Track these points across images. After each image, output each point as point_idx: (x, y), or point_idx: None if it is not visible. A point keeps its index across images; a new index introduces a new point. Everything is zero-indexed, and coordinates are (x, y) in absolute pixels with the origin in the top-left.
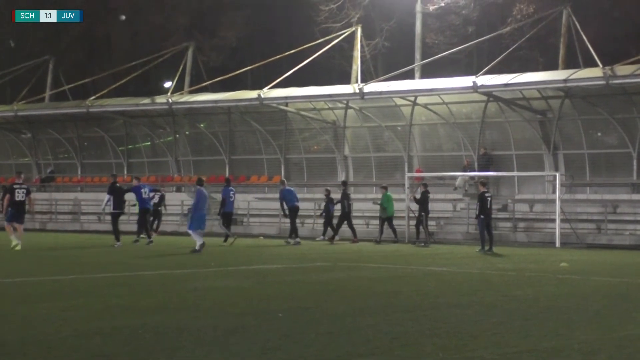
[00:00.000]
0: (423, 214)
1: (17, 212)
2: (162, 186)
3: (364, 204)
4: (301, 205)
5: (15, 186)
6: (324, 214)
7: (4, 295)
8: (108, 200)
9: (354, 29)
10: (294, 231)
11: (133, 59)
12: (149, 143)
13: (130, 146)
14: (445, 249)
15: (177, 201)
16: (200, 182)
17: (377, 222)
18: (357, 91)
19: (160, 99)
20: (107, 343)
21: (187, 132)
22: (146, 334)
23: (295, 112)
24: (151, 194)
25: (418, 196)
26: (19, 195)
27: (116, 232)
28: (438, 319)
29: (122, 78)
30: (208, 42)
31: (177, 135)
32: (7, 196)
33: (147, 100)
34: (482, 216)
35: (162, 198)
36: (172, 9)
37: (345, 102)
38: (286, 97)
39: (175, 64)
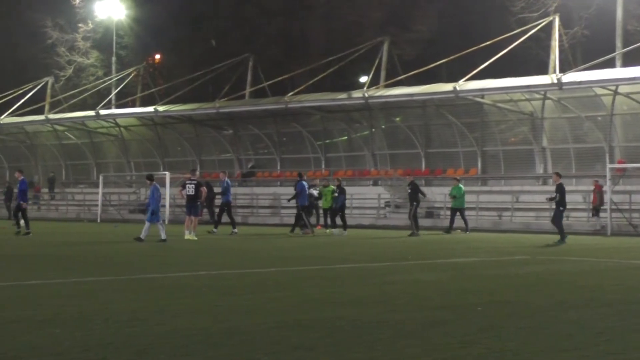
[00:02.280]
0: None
1: (188, 205)
2: (359, 180)
3: (567, 197)
4: (499, 198)
5: (187, 182)
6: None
7: (211, 287)
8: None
9: (551, 18)
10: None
11: (329, 54)
12: (345, 137)
13: (327, 141)
14: None
15: (374, 195)
16: (151, 178)
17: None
18: (555, 81)
19: (357, 94)
20: (308, 335)
21: (383, 126)
22: (345, 326)
23: (491, 104)
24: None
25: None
26: (189, 190)
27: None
28: None
29: (318, 74)
30: (402, 36)
31: (373, 129)
32: (180, 190)
33: (343, 95)
34: (561, 208)
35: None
36: (367, 4)
37: (542, 92)
38: (482, 89)
39: (371, 59)
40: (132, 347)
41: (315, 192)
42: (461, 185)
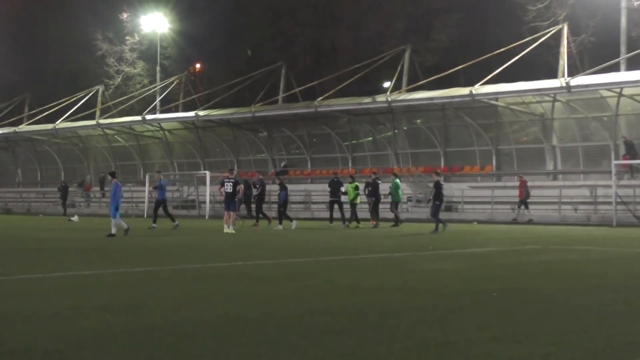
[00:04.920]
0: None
1: (227, 202)
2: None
3: (573, 191)
4: (513, 192)
5: (225, 180)
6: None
7: (247, 276)
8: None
9: (560, 26)
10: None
11: (355, 62)
12: (370, 138)
13: (354, 141)
14: None
15: None
16: (113, 174)
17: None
18: (564, 85)
19: (381, 98)
20: (337, 320)
21: (405, 128)
22: (371, 312)
23: (505, 106)
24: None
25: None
26: (227, 187)
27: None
28: None
29: (345, 80)
30: (423, 44)
31: (396, 131)
32: (219, 188)
33: (368, 100)
34: (437, 202)
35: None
36: (390, 15)
37: (552, 95)
38: (496, 93)
39: (394, 66)
40: (177, 332)
41: (343, 189)
42: (397, 181)
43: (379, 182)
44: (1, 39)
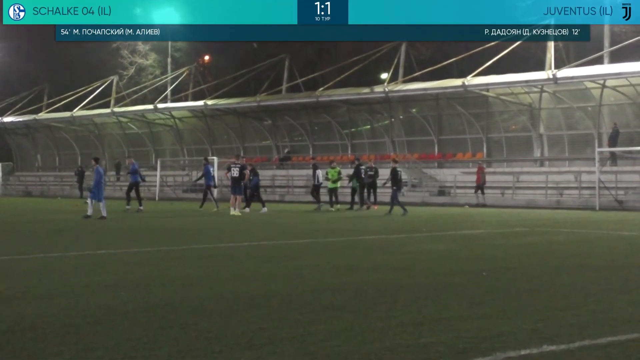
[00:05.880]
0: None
1: (232, 185)
2: (379, 163)
3: (558, 177)
4: (502, 178)
5: (231, 165)
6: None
7: (251, 256)
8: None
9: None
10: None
11: (355, 55)
12: (368, 126)
13: (353, 129)
14: (634, 215)
15: None
16: (97, 161)
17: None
18: (551, 77)
19: (378, 89)
20: (337, 297)
21: (401, 116)
22: (369, 290)
23: (495, 97)
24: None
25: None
26: (234, 172)
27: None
28: (628, 277)
29: (345, 71)
30: None
31: (393, 119)
32: (226, 172)
33: (367, 90)
34: (394, 187)
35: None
36: None
37: (540, 86)
38: (487, 84)
39: (390, 58)
40: (186, 308)
41: (321, 174)
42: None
43: (362, 168)
44: (23, 33)
